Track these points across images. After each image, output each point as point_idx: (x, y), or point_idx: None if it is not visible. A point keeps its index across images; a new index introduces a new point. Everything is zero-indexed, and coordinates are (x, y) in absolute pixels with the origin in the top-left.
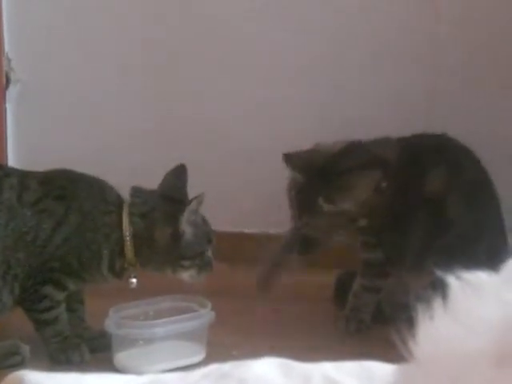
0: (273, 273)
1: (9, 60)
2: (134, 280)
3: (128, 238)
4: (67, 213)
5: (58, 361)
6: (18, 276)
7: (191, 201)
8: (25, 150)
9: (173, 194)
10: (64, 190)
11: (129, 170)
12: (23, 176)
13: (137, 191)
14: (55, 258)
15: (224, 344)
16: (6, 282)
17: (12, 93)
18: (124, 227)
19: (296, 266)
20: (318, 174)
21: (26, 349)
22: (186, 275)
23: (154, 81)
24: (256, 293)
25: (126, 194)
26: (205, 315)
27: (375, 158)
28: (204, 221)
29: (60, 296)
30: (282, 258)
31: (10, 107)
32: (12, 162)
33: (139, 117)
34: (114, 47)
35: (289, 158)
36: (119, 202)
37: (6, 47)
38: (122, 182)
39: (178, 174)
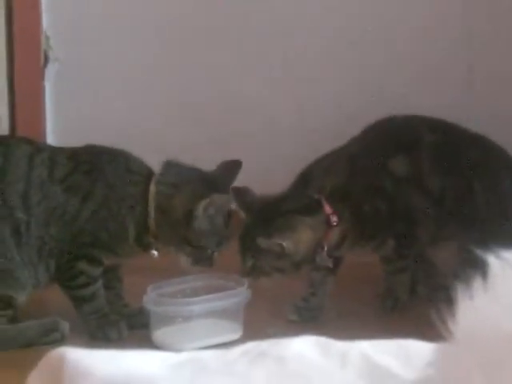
0: None
1: (47, 38)
2: (155, 252)
3: (151, 210)
4: (94, 186)
5: (97, 337)
6: (52, 252)
7: (219, 194)
8: (63, 127)
9: (211, 179)
10: (90, 164)
11: (166, 147)
12: (53, 152)
13: (171, 164)
14: (85, 232)
15: (260, 322)
16: (42, 258)
17: (50, 71)
18: (150, 199)
19: None
20: (259, 214)
21: (65, 326)
22: (183, 259)
23: (192, 56)
24: None
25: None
26: (241, 293)
27: (317, 202)
28: (227, 225)
29: (96, 271)
30: None
31: (48, 85)
32: (50, 139)
33: (177, 93)
34: (151, 24)
35: (236, 193)
36: (148, 173)
37: (45, 25)
38: (158, 158)
39: (231, 166)
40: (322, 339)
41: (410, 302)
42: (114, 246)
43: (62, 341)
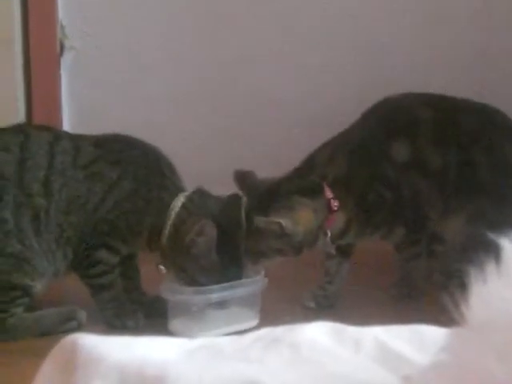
0: None
1: (63, 27)
2: (163, 267)
3: (169, 222)
4: (120, 178)
5: (114, 326)
6: (70, 240)
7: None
8: (79, 116)
9: (226, 218)
10: (119, 154)
11: (180, 136)
12: (76, 139)
13: (202, 191)
14: (105, 222)
15: (277, 310)
16: (60, 245)
17: (66, 60)
18: (172, 210)
19: None
20: (259, 196)
21: (82, 314)
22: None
23: (209, 45)
24: (309, 259)
25: (176, 162)
26: (258, 281)
27: (318, 185)
28: (218, 267)
29: (114, 260)
30: None
31: (64, 74)
32: (67, 128)
33: (193, 83)
34: (168, 12)
35: (238, 176)
36: (177, 185)
37: (60, 15)
38: (172, 148)
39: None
40: (336, 325)
41: (425, 287)
42: (129, 239)
43: (79, 329)
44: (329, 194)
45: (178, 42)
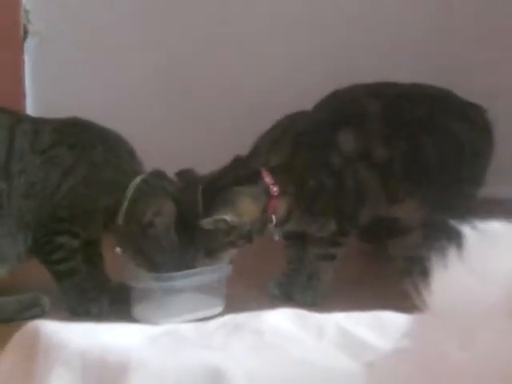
0: None
1: (26, 12)
2: (119, 249)
3: (125, 203)
4: (77, 162)
5: (77, 312)
6: (30, 224)
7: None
8: (42, 101)
9: (183, 198)
10: (77, 139)
11: (140, 122)
12: (37, 123)
13: (158, 174)
14: (63, 207)
15: (242, 297)
16: (20, 229)
17: (30, 45)
18: (128, 193)
19: None
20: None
21: (45, 301)
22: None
23: (170, 31)
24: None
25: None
26: (222, 268)
27: (255, 173)
28: (176, 249)
29: (74, 244)
30: None
31: (28, 59)
32: (30, 112)
33: (154, 68)
34: None
35: (179, 176)
36: (136, 168)
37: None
38: (132, 133)
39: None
40: (299, 311)
41: (386, 272)
42: (87, 222)
43: (42, 316)
44: (268, 179)
45: (144, 26)
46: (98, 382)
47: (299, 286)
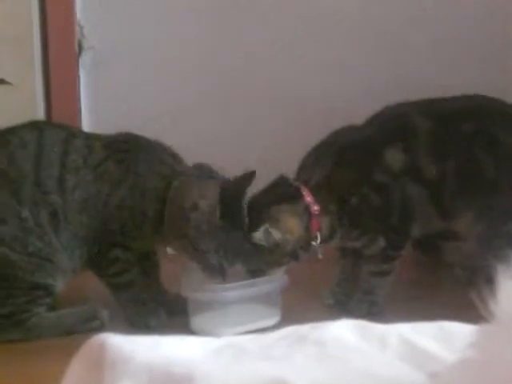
0: None
1: (81, 27)
2: (169, 249)
3: (169, 201)
4: (125, 175)
5: (136, 325)
6: (84, 239)
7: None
8: (98, 116)
9: (224, 185)
10: (124, 153)
11: (199, 133)
12: (89, 138)
13: (201, 166)
14: (113, 220)
15: (298, 307)
16: (76, 243)
17: (85, 60)
18: (170, 193)
19: None
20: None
21: (104, 313)
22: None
23: (222, 41)
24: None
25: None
26: (278, 278)
27: (295, 191)
28: (220, 233)
29: (130, 257)
30: None
31: (83, 74)
32: (85, 127)
33: (210, 86)
34: (187, 8)
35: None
36: (179, 169)
37: (78, 15)
38: (191, 145)
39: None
40: (361, 322)
41: (449, 284)
42: (137, 235)
43: (101, 328)
44: (309, 198)
45: (193, 40)
46: None
47: (355, 299)
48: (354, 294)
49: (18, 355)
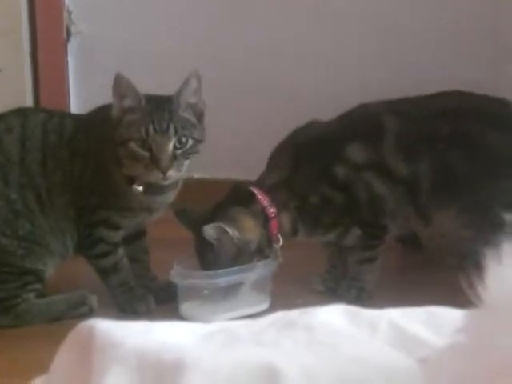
0: None
1: (69, 13)
2: (138, 188)
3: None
4: (89, 145)
5: (125, 311)
6: (71, 220)
7: None
8: (86, 102)
9: None
10: (88, 122)
11: None
12: (63, 116)
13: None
14: (93, 194)
15: (288, 293)
16: (67, 224)
17: (73, 46)
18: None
19: None
20: (202, 222)
21: (93, 299)
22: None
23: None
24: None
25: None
26: (267, 264)
27: (249, 195)
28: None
29: (115, 237)
30: None
31: (71, 60)
32: (74, 111)
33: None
34: None
35: (177, 215)
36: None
37: (67, 0)
38: None
39: None
40: (351, 308)
41: (438, 269)
42: (121, 203)
43: (90, 314)
44: (264, 201)
45: (187, 27)
46: (155, 381)
47: (343, 285)
48: (343, 280)
49: (6, 341)
